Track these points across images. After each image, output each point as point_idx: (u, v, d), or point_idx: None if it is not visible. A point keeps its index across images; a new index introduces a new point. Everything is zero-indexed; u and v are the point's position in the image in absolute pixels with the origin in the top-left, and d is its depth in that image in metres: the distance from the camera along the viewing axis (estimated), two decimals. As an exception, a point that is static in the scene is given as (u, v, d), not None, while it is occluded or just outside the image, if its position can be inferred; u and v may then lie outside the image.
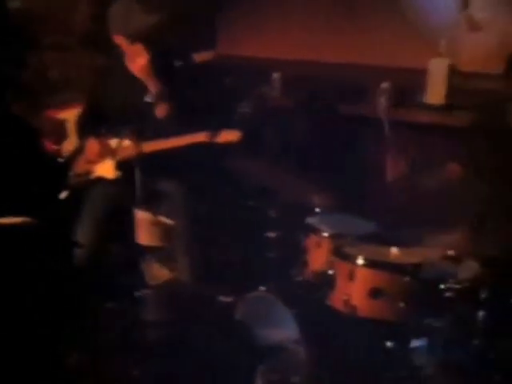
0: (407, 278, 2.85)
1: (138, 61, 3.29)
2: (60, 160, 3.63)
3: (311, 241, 3.23)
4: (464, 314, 2.88)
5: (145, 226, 3.20)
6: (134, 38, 3.26)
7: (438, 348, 2.88)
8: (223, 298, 3.29)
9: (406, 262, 2.94)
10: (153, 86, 3.27)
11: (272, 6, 4.43)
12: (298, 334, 2.94)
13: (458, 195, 3.42)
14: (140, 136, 3.19)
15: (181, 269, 3.37)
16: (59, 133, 3.73)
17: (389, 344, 2.97)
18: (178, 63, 3.42)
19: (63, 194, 3.39)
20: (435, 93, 3.91)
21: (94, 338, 3.20)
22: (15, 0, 4.06)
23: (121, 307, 3.34)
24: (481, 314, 2.88)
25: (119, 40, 3.33)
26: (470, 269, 2.92)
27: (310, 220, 3.30)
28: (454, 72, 3.87)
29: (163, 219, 3.31)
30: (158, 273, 3.33)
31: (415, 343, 2.94)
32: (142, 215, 3.19)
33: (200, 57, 3.53)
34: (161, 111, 3.28)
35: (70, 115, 3.69)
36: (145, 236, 3.21)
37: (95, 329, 3.23)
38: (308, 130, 4.13)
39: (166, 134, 3.32)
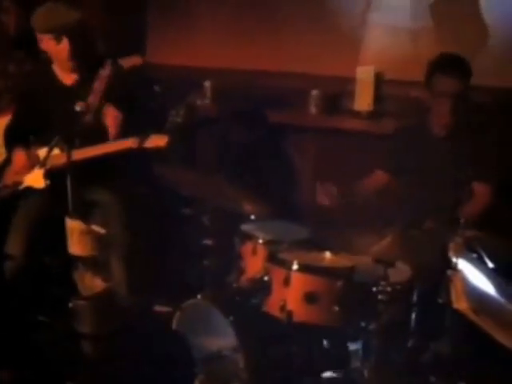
0: (341, 282, 2.88)
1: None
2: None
3: (247, 248, 3.24)
4: (397, 317, 2.95)
5: (77, 236, 3.15)
6: (59, 32, 3.25)
7: (374, 350, 2.93)
8: (160, 308, 3.27)
9: (340, 266, 2.99)
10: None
11: (201, 15, 4.44)
12: (235, 341, 2.94)
13: (387, 200, 3.51)
14: (70, 144, 3.15)
15: (115, 279, 3.33)
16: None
17: (326, 348, 3.01)
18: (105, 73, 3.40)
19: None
20: (363, 100, 4.00)
21: (25, 352, 3.13)
22: None
23: (53, 319, 3.28)
24: (413, 315, 2.95)
25: (46, 42, 3.31)
26: (401, 272, 2.99)
27: (245, 227, 3.32)
28: (381, 80, 3.97)
29: (96, 228, 3.26)
30: (91, 283, 3.28)
31: (351, 346, 2.99)
32: (73, 224, 3.14)
33: (127, 62, 3.50)
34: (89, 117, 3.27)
35: (-2, 125, 3.63)
36: (77, 246, 3.16)
37: (27, 342, 3.16)
38: (239, 137, 4.16)
39: (96, 142, 3.29)
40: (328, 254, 3.08)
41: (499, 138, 3.42)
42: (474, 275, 2.28)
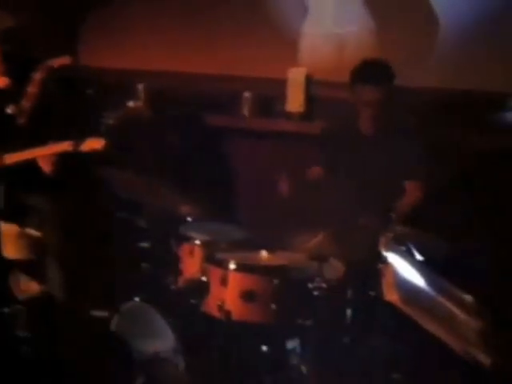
0: (277, 280, 2.93)
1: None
2: None
3: (184, 249, 3.26)
4: (333, 312, 3.01)
5: (12, 239, 3.12)
6: None
7: (311, 347, 2.98)
8: (98, 313, 3.25)
9: (276, 264, 3.04)
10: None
11: (134, 18, 4.43)
12: (175, 342, 2.96)
13: (320, 198, 3.57)
14: (2, 148, 3.12)
15: (51, 282, 3.30)
16: None
17: (264, 346, 3.05)
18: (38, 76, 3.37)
19: None
20: (294, 102, 4.04)
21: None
22: None
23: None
24: (349, 311, 3.02)
25: None
26: (335, 268, 3.06)
27: (182, 229, 3.34)
28: (311, 81, 4.03)
29: (30, 232, 3.23)
30: (26, 287, 3.24)
31: (290, 344, 3.03)
32: (7, 228, 3.11)
33: (56, 62, 3.48)
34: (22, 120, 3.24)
35: None
36: (12, 249, 3.13)
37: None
38: (174, 139, 4.16)
39: (30, 145, 3.27)
40: (264, 253, 3.13)
41: (427, 137, 3.52)
42: (404, 268, 2.35)
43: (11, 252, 3.13)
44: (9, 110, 3.18)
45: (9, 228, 3.10)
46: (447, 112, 3.71)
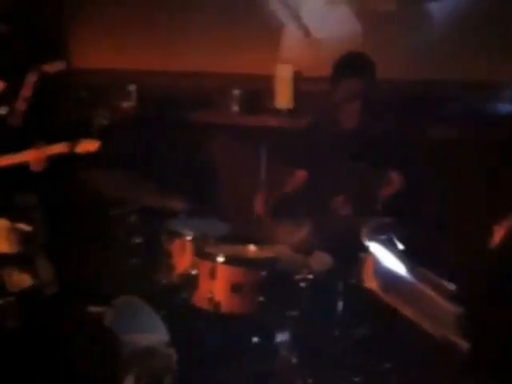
0: (264, 272, 3.00)
1: None
2: None
3: (175, 245, 3.32)
4: (321, 304, 3.06)
5: (2, 234, 3.18)
6: None
7: (300, 338, 3.03)
8: (90, 308, 3.30)
9: (263, 257, 3.12)
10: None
11: (127, 19, 4.47)
12: (167, 336, 3.01)
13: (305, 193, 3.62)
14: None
15: (42, 276, 3.36)
16: None
17: (255, 339, 3.11)
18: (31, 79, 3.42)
19: None
20: (283, 98, 4.08)
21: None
22: None
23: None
24: (337, 302, 3.07)
25: None
26: (321, 260, 3.12)
27: (173, 225, 3.40)
28: (299, 77, 4.07)
29: (21, 226, 3.28)
30: (19, 280, 3.30)
31: (280, 336, 3.08)
32: (-1, 223, 3.17)
33: (51, 67, 3.53)
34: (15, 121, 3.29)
35: None
36: (3, 244, 3.19)
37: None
38: (164, 138, 4.21)
39: (21, 147, 3.32)
40: (252, 247, 3.21)
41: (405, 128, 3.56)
42: (384, 256, 2.42)
43: (3, 246, 3.19)
44: (1, 110, 3.23)
45: (0, 223, 3.16)
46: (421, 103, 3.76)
